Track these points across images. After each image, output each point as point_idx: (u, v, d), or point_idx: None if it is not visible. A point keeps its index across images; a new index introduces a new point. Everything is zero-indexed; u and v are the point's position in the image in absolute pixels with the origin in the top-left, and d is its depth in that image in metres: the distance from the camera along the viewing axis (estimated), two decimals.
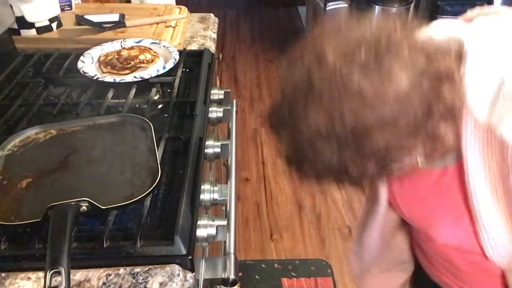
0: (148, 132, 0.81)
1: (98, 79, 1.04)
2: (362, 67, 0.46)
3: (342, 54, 0.47)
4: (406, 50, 0.47)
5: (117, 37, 1.25)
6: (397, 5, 2.84)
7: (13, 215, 0.66)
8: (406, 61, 0.47)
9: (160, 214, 0.72)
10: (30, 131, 0.84)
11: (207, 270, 0.74)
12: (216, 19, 1.54)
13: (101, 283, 0.61)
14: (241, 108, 2.93)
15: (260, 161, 2.50)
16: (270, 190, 2.29)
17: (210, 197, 0.80)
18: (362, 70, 0.46)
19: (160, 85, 1.06)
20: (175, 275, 0.62)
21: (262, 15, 4.51)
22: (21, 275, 0.62)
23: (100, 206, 0.64)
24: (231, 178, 0.90)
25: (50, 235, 0.58)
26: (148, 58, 1.11)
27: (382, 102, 0.46)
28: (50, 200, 0.62)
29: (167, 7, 1.47)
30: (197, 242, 0.69)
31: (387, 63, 0.46)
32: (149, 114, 0.93)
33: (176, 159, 0.84)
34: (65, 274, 0.53)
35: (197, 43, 1.34)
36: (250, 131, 2.75)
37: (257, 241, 1.99)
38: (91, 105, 0.97)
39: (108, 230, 0.65)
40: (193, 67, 1.17)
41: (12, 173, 0.75)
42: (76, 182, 0.73)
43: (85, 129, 0.86)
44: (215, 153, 0.91)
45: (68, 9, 1.42)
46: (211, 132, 1.09)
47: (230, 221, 0.78)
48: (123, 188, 0.70)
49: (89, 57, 1.12)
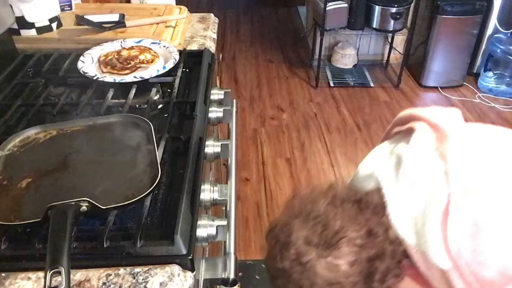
0: (148, 132, 0.81)
1: (98, 79, 1.04)
2: (318, 255, 0.61)
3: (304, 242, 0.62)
4: (345, 241, 0.60)
5: (117, 37, 1.25)
6: (397, 5, 2.84)
7: (13, 215, 0.66)
8: (345, 246, 0.60)
9: (160, 214, 0.72)
10: (30, 131, 0.84)
11: (207, 270, 0.74)
12: (216, 19, 1.54)
13: (101, 283, 0.61)
14: (241, 108, 2.93)
15: (260, 161, 2.50)
16: (270, 190, 2.29)
17: (210, 197, 0.80)
18: (318, 257, 0.60)
19: (160, 85, 1.06)
20: (175, 275, 0.62)
21: (262, 15, 4.51)
22: (21, 275, 0.62)
23: (100, 206, 0.64)
24: (231, 178, 0.90)
25: (50, 235, 0.58)
26: (148, 58, 1.11)
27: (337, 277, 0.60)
28: (50, 200, 0.62)
29: (167, 7, 1.47)
30: (197, 242, 0.69)
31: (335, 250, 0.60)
32: (149, 114, 0.93)
33: (176, 159, 0.84)
34: (65, 274, 0.53)
35: (197, 43, 1.34)
36: (250, 131, 2.75)
37: (257, 241, 1.99)
38: (91, 105, 0.97)
39: (108, 230, 0.65)
40: (193, 67, 1.17)
41: (12, 173, 0.75)
42: (76, 182, 0.73)
43: (85, 129, 0.86)
44: (215, 153, 0.91)
45: (68, 9, 1.42)
46: (211, 132, 1.09)
47: (230, 221, 0.78)
48: (123, 188, 0.70)
49: (89, 57, 1.12)
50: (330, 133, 2.73)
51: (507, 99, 3.05)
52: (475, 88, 3.15)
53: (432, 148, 0.62)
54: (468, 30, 2.93)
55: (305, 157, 2.52)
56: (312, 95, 3.12)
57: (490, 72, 3.08)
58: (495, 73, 3.06)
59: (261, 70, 3.47)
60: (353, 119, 2.86)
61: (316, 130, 2.76)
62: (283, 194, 2.26)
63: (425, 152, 0.62)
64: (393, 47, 3.35)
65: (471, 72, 3.21)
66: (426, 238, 0.56)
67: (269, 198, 2.24)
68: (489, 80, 3.09)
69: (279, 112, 2.94)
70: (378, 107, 2.99)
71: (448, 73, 3.10)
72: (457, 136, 0.61)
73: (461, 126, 0.65)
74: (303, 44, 3.84)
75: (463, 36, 2.95)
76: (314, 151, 2.57)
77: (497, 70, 3.05)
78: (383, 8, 2.87)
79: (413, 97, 3.10)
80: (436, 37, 2.95)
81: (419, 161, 0.61)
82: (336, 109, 2.96)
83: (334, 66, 3.39)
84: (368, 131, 2.74)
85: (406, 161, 0.61)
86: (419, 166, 0.61)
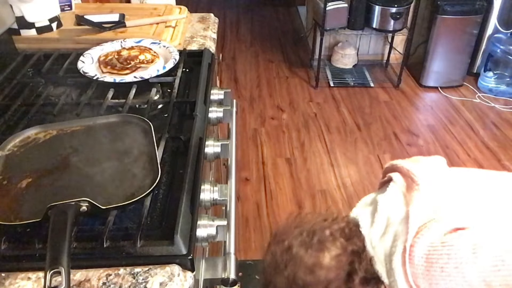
0: (148, 132, 0.81)
1: (98, 79, 1.04)
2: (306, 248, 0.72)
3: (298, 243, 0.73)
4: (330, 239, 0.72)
5: (117, 37, 1.25)
6: (397, 5, 2.84)
7: (13, 215, 0.66)
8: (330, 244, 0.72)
9: (160, 214, 0.72)
10: (30, 131, 0.84)
11: (207, 270, 0.74)
12: (216, 19, 1.54)
13: (101, 283, 0.61)
14: (241, 108, 2.93)
15: (260, 161, 2.50)
16: (270, 190, 2.29)
17: (210, 197, 0.80)
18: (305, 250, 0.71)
19: (160, 85, 1.06)
20: (175, 275, 0.62)
21: (262, 15, 4.51)
22: (21, 275, 0.62)
23: (100, 206, 0.64)
24: (231, 178, 0.90)
25: (50, 235, 0.58)
26: (148, 58, 1.11)
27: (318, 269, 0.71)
28: (50, 200, 0.62)
29: (167, 7, 1.47)
30: (197, 242, 0.69)
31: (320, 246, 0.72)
32: (149, 114, 0.93)
33: (176, 159, 0.84)
34: (65, 274, 0.53)
35: (197, 43, 1.34)
36: (250, 131, 2.75)
37: (257, 241, 1.99)
38: (91, 105, 0.97)
39: (108, 230, 0.65)
40: (193, 67, 1.17)
41: (12, 173, 0.75)
42: (76, 182, 0.73)
43: (85, 129, 0.86)
44: (215, 153, 0.91)
45: (68, 9, 1.42)
46: (211, 132, 1.09)
47: (230, 221, 0.78)
48: (123, 188, 0.70)
49: (89, 57, 1.12)
50: (330, 133, 2.73)
51: (507, 99, 3.05)
52: (475, 88, 3.15)
53: (400, 197, 0.72)
54: (468, 30, 2.93)
55: (305, 157, 2.52)
56: (312, 95, 3.13)
57: (490, 72, 3.08)
58: (495, 73, 3.06)
59: (261, 70, 3.47)
60: (353, 119, 2.86)
61: (316, 130, 2.76)
62: (283, 194, 2.26)
63: (394, 201, 0.72)
64: (393, 47, 3.35)
65: (471, 72, 3.21)
66: (394, 277, 0.66)
67: (269, 198, 2.24)
68: (489, 80, 3.09)
69: (279, 112, 2.95)
70: (378, 107, 2.99)
71: (448, 73, 3.10)
72: (423, 185, 0.70)
73: (432, 174, 0.74)
74: (303, 44, 3.84)
75: (463, 36, 2.95)
76: (314, 151, 2.57)
77: (497, 70, 3.05)
78: (383, 8, 2.86)
79: (413, 97, 3.10)
80: (436, 37, 2.95)
81: (389, 209, 0.71)
82: (336, 109, 2.97)
83: (334, 66, 3.39)
84: (368, 131, 2.74)
85: (379, 209, 0.72)
86: (388, 213, 0.71)
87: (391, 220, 0.70)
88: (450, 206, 0.70)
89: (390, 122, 2.84)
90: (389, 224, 0.70)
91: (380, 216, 0.72)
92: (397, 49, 3.35)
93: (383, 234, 0.70)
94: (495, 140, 2.67)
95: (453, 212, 0.69)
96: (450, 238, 0.64)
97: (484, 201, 0.72)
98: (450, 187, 0.74)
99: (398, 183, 0.74)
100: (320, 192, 2.27)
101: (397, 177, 0.75)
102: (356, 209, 0.80)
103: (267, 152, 2.57)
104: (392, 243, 0.68)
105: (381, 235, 0.70)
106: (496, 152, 2.56)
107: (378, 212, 0.72)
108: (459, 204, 0.71)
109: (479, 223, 0.67)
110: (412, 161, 0.79)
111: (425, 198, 0.69)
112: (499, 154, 2.55)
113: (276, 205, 2.19)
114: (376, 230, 0.71)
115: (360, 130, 2.76)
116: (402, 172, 0.75)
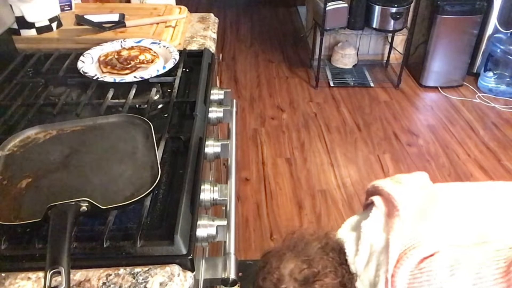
0: (148, 132, 0.81)
1: (98, 79, 1.04)
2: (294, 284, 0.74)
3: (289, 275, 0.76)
4: None
5: (117, 37, 1.25)
6: (397, 5, 2.84)
7: (13, 215, 0.66)
8: None
9: (160, 214, 0.72)
10: (30, 131, 0.84)
11: (207, 270, 0.74)
12: (216, 19, 1.54)
13: (101, 283, 0.61)
14: (241, 108, 2.93)
15: (260, 161, 2.50)
16: (270, 190, 2.29)
17: (210, 197, 0.80)
18: (293, 286, 0.74)
19: (160, 85, 1.06)
20: (175, 275, 0.62)
21: (262, 15, 4.51)
22: (21, 275, 0.62)
23: (100, 206, 0.64)
24: (231, 178, 0.90)
25: (50, 235, 0.58)
26: (148, 58, 1.11)
27: None
28: (50, 200, 0.62)
29: (167, 7, 1.47)
30: (197, 242, 0.69)
31: None
32: (149, 114, 0.93)
33: (176, 159, 0.84)
34: (65, 274, 0.53)
35: (197, 43, 1.34)
36: (250, 131, 2.75)
37: (257, 241, 1.99)
38: (91, 105, 0.97)
39: (108, 230, 0.65)
40: (193, 67, 1.17)
41: (12, 173, 0.75)
42: (76, 182, 0.73)
43: (85, 129, 0.86)
44: (215, 153, 0.91)
45: (68, 9, 1.42)
46: (211, 132, 1.09)
47: (230, 221, 0.78)
48: (123, 188, 0.70)
49: (89, 57, 1.12)
50: (330, 133, 2.73)
51: (507, 99, 3.05)
52: (475, 88, 3.16)
53: (382, 224, 0.74)
54: (468, 30, 2.93)
55: (305, 157, 2.52)
56: (312, 95, 3.13)
57: (490, 72, 3.08)
58: (495, 73, 3.06)
59: (261, 70, 3.47)
60: (353, 119, 2.86)
61: (316, 130, 2.76)
62: (283, 194, 2.26)
63: (376, 227, 0.74)
64: (393, 47, 3.35)
65: (471, 72, 3.21)
66: None
67: (269, 198, 2.24)
68: (489, 80, 3.09)
69: (279, 112, 2.95)
70: (378, 107, 2.99)
71: (448, 73, 3.10)
72: (403, 211, 0.72)
73: (413, 197, 0.76)
74: (303, 44, 3.84)
75: (463, 36, 2.95)
76: (314, 151, 2.57)
77: (497, 70, 3.05)
78: (383, 8, 2.87)
79: (413, 97, 3.10)
80: (436, 37, 2.95)
81: (371, 236, 0.73)
82: (336, 109, 2.97)
83: (334, 66, 3.39)
84: (368, 131, 2.74)
85: (363, 237, 0.74)
86: (371, 241, 0.73)
87: (374, 248, 0.72)
88: (430, 228, 0.72)
89: (390, 122, 2.84)
90: (372, 252, 0.72)
91: (364, 244, 0.74)
92: (397, 49, 3.35)
93: (367, 263, 0.72)
94: (495, 140, 2.67)
95: (432, 235, 0.70)
96: (428, 263, 0.66)
97: (465, 216, 0.73)
98: (432, 206, 0.76)
99: (380, 208, 0.76)
100: (320, 192, 2.27)
101: (379, 202, 0.77)
102: (342, 231, 0.82)
103: (267, 152, 2.57)
104: (375, 273, 0.70)
105: (365, 264, 0.73)
106: (496, 152, 2.56)
107: (362, 240, 0.74)
108: (440, 224, 0.73)
109: (452, 243, 0.69)
110: (394, 181, 0.81)
111: (405, 224, 0.71)
112: (499, 154, 2.55)
113: (276, 205, 2.20)
114: (361, 259, 0.73)
115: (360, 130, 2.76)
116: (383, 195, 0.77)
